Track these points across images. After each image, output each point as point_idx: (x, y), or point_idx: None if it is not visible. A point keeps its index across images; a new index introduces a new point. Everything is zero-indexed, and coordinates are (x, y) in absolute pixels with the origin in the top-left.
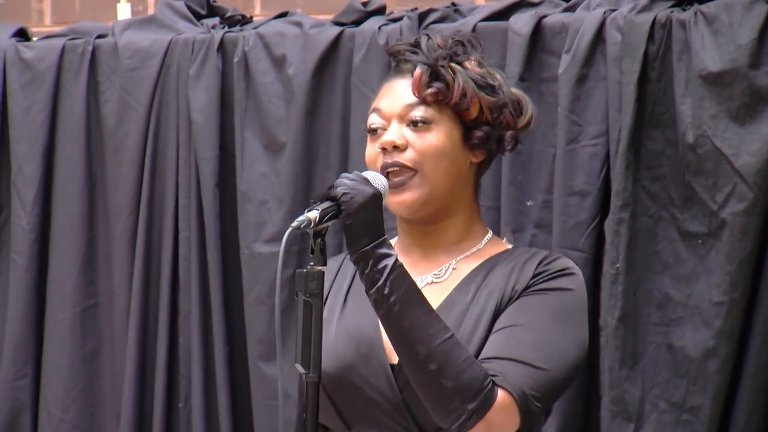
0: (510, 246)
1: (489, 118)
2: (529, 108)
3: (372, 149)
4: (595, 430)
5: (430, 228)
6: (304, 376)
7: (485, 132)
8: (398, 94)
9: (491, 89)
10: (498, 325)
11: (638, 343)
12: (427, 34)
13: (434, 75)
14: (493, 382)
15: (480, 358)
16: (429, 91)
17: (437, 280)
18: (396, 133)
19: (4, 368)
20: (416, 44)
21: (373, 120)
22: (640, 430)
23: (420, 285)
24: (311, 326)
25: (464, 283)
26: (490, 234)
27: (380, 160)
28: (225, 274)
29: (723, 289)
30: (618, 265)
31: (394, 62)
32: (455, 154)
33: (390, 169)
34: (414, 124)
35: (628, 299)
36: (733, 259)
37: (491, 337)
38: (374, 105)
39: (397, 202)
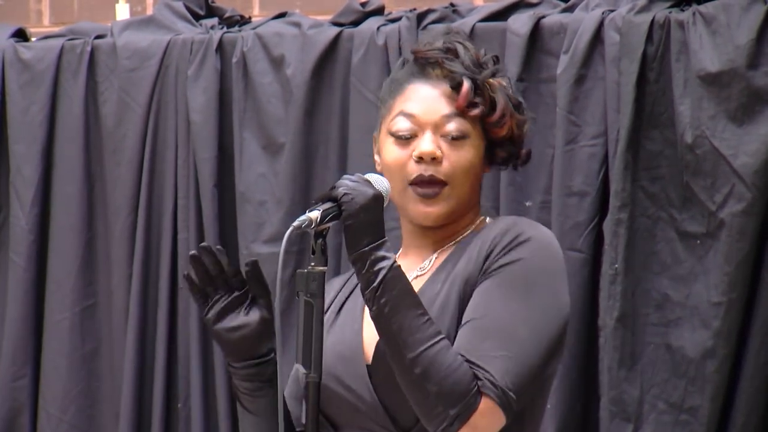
0: (488, 221)
1: (515, 136)
2: (527, 122)
3: (400, 154)
4: (594, 431)
5: (436, 230)
6: (305, 376)
7: (508, 151)
8: (433, 102)
9: (519, 108)
10: (465, 317)
11: (637, 343)
12: (461, 43)
13: (477, 90)
14: (479, 387)
15: (455, 350)
16: (475, 111)
17: (421, 273)
18: (435, 144)
19: (2, 368)
20: (453, 52)
21: (403, 125)
22: (639, 431)
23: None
24: (312, 326)
25: (437, 273)
26: (478, 219)
27: (413, 168)
28: None
29: (721, 289)
30: (617, 265)
31: (419, 65)
32: (478, 169)
33: (423, 181)
34: (453, 137)
35: (626, 300)
36: (731, 259)
37: (461, 331)
38: (402, 108)
39: (425, 212)
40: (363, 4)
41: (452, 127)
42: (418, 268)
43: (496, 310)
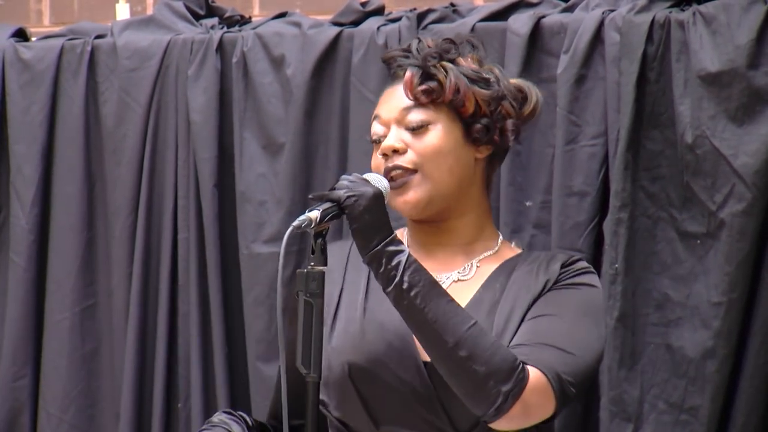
0: (520, 250)
1: (487, 111)
2: (534, 94)
3: (377, 158)
4: (594, 431)
5: (441, 226)
6: (305, 376)
7: (484, 125)
8: (395, 99)
9: (485, 82)
10: (529, 315)
11: (637, 343)
12: (418, 38)
13: (426, 75)
14: (523, 363)
15: (511, 345)
16: (420, 88)
17: (463, 278)
18: (395, 137)
19: (3, 369)
20: (408, 49)
21: (375, 129)
22: (639, 431)
23: (445, 283)
24: (312, 326)
25: (490, 281)
26: (501, 237)
27: (383, 166)
28: (224, 275)
29: (721, 289)
30: (617, 265)
31: (390, 70)
32: (458, 152)
33: (392, 173)
34: (412, 128)
35: (626, 299)
36: (731, 259)
37: (523, 326)
38: (374, 113)
39: (402, 201)
40: (363, 4)
41: (411, 117)
42: (456, 272)
43: (562, 314)
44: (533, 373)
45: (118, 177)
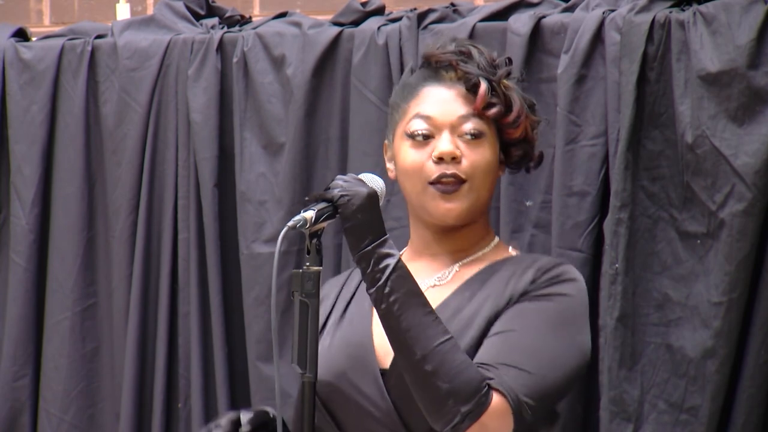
0: (515, 253)
1: (529, 137)
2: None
3: (418, 155)
4: (594, 430)
5: (452, 234)
6: (300, 376)
7: (524, 150)
8: (449, 103)
9: (533, 109)
10: (493, 330)
11: (637, 343)
12: (475, 46)
13: (494, 91)
14: (489, 386)
15: (475, 362)
16: (493, 111)
17: (439, 282)
18: (453, 144)
19: (3, 368)
20: (467, 54)
21: (420, 126)
22: (639, 431)
23: (423, 287)
24: (307, 326)
25: (464, 287)
26: (496, 240)
27: (432, 168)
28: (224, 275)
29: (722, 289)
30: (617, 265)
31: (432, 68)
32: (495, 169)
33: (444, 179)
34: (471, 136)
35: (626, 299)
36: (731, 259)
37: (486, 342)
38: (418, 110)
39: (447, 209)
40: (363, 4)
41: (469, 126)
42: (435, 277)
43: (528, 330)
44: (495, 397)
45: (118, 177)
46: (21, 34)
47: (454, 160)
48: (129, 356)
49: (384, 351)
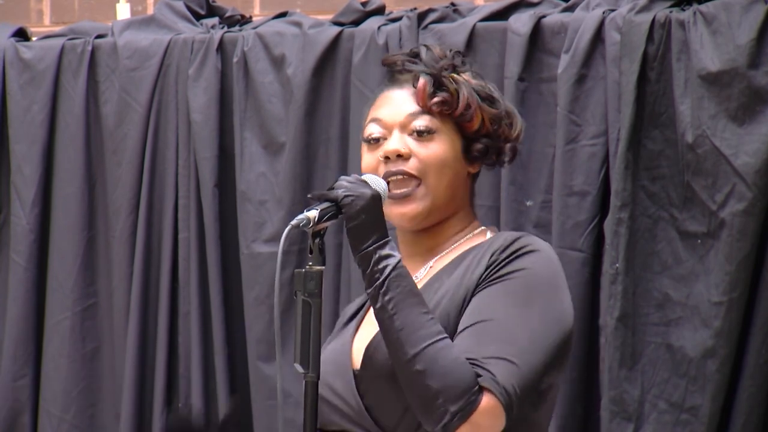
0: (490, 235)
1: (489, 130)
2: (519, 121)
3: (371, 158)
4: (595, 430)
5: (424, 234)
6: (303, 375)
7: (485, 144)
8: (399, 103)
9: (491, 101)
10: (464, 322)
11: (637, 343)
12: (425, 45)
13: (438, 85)
14: (480, 385)
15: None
16: (435, 100)
17: (416, 281)
18: (400, 142)
19: (3, 368)
20: (415, 55)
21: (372, 129)
22: (640, 430)
23: None
24: (310, 326)
25: (432, 281)
26: (479, 229)
27: (382, 169)
28: (224, 274)
29: (722, 289)
30: (617, 265)
31: (390, 72)
32: (456, 166)
33: (393, 178)
34: (418, 133)
35: (627, 299)
36: (732, 259)
37: (461, 335)
38: (372, 115)
39: (401, 213)
40: (364, 4)
41: (418, 123)
42: (413, 276)
43: (498, 315)
44: (486, 395)
45: (118, 177)
46: (21, 34)
47: (401, 157)
48: (129, 356)
49: (359, 353)
